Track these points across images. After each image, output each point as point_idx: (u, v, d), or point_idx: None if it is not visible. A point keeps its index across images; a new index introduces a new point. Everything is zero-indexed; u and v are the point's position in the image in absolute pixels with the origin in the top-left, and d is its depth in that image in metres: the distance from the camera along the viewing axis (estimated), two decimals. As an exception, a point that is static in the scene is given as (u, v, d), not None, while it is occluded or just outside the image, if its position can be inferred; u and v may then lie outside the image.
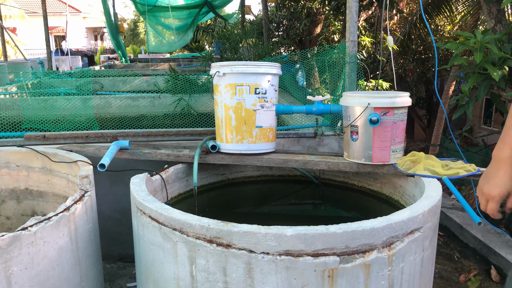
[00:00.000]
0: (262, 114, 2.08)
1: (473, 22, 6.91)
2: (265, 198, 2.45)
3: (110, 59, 14.35)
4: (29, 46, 19.12)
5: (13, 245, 1.45)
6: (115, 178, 2.44)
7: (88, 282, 1.82)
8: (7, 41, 9.77)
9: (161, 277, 1.51)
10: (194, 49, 16.18)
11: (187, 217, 1.41)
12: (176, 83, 3.71)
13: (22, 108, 3.29)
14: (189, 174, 2.15)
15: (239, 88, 2.04)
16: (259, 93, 2.05)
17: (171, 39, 10.43)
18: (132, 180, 1.79)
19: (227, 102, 2.07)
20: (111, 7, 10.40)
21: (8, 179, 2.35)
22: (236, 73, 2.03)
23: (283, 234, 1.29)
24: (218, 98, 2.11)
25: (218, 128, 2.15)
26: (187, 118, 3.28)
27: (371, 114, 1.83)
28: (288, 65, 3.90)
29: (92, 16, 31.50)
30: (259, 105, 2.06)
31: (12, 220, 2.40)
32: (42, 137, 2.54)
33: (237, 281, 1.34)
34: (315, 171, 2.36)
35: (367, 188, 2.22)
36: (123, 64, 10.47)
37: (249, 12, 10.94)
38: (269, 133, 2.12)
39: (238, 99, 2.04)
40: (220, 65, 2.07)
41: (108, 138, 2.56)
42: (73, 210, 1.70)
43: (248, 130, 2.07)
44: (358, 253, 1.33)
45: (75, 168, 2.09)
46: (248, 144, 2.08)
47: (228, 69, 2.03)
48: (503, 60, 2.78)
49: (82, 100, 3.47)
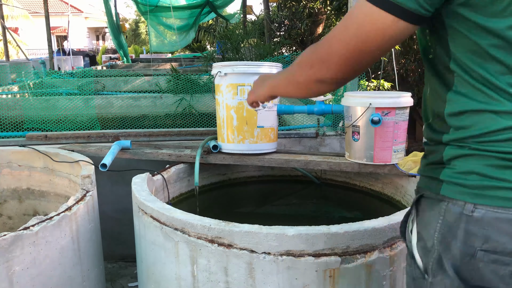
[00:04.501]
0: (264, 114, 2.07)
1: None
2: (267, 198, 2.45)
3: (112, 59, 14.38)
4: (31, 46, 19.16)
5: (15, 244, 1.45)
6: (117, 178, 2.44)
7: (90, 282, 1.82)
8: (9, 41, 9.80)
9: (163, 277, 1.51)
10: (196, 49, 16.19)
11: (188, 217, 1.41)
12: (177, 83, 3.72)
13: (24, 108, 3.30)
14: (191, 174, 2.15)
15: (240, 88, 2.03)
16: None
17: (173, 39, 10.45)
18: (134, 180, 1.79)
19: (228, 102, 2.07)
20: (113, 7, 10.42)
21: (10, 179, 2.35)
22: (237, 73, 2.03)
23: (285, 234, 1.29)
24: (219, 98, 2.11)
25: (219, 128, 2.15)
26: (188, 118, 3.29)
27: (372, 114, 1.83)
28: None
29: (94, 16, 31.56)
30: (261, 105, 2.05)
31: (14, 220, 2.41)
32: (44, 137, 2.55)
33: (239, 281, 1.34)
34: (316, 171, 2.36)
35: (369, 188, 2.22)
36: (125, 64, 10.49)
37: (251, 12, 10.94)
38: (271, 133, 2.12)
39: (240, 99, 2.04)
40: (222, 65, 2.07)
41: (109, 138, 2.56)
42: (75, 210, 1.70)
43: (250, 130, 2.07)
44: (360, 253, 1.33)
45: (77, 168, 2.10)
46: (250, 144, 2.08)
47: (229, 69, 2.03)
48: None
49: (84, 100, 3.48)
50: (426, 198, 0.89)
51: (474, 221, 0.79)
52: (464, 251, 0.81)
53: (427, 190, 0.90)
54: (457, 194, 0.83)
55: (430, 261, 0.86)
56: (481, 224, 0.79)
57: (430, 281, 0.87)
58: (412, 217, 0.94)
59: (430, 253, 0.86)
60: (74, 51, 13.77)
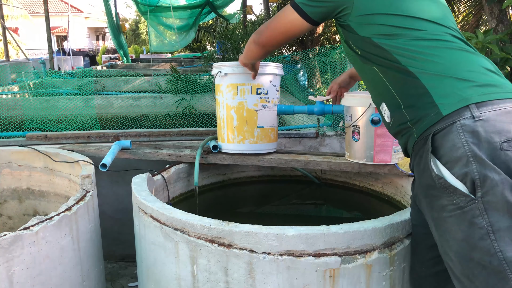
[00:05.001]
0: (264, 114, 2.07)
1: (474, 22, 6.89)
2: (267, 198, 2.45)
3: (112, 59, 14.38)
4: (31, 46, 19.15)
5: (15, 244, 1.45)
6: (117, 178, 2.44)
7: (90, 282, 1.82)
8: (9, 41, 9.80)
9: (163, 277, 1.51)
10: (196, 49, 16.19)
11: (188, 217, 1.42)
12: (177, 83, 3.72)
13: (24, 108, 3.30)
14: (191, 174, 2.16)
15: (240, 88, 2.03)
16: (261, 93, 2.04)
17: (173, 39, 10.45)
18: (134, 180, 1.79)
19: (228, 102, 2.07)
20: (113, 7, 10.43)
21: (10, 179, 2.35)
22: (238, 73, 2.02)
23: (285, 234, 1.29)
24: (219, 98, 2.11)
25: (219, 128, 2.15)
26: (188, 118, 3.29)
27: (372, 115, 1.83)
28: (290, 65, 3.90)
29: (94, 16, 31.57)
30: (260, 105, 2.06)
31: (14, 220, 2.41)
32: (44, 137, 2.55)
33: (239, 281, 1.34)
34: (316, 171, 2.36)
35: (369, 188, 2.22)
36: (125, 64, 10.50)
37: (251, 12, 10.94)
38: (271, 133, 2.12)
39: (240, 99, 2.04)
40: (222, 65, 2.06)
41: (109, 138, 2.56)
42: (75, 210, 1.70)
43: (250, 130, 2.07)
44: (360, 253, 1.33)
45: (77, 168, 2.10)
46: (250, 145, 2.08)
47: (230, 69, 2.03)
48: (504, 60, 2.78)
49: (84, 100, 3.48)
50: (437, 133, 1.08)
51: (485, 121, 1.02)
52: (492, 148, 1.00)
53: (431, 127, 1.10)
54: (458, 104, 1.06)
55: (474, 174, 1.00)
56: (491, 122, 1.02)
57: (482, 193, 1.00)
58: (432, 161, 1.09)
59: (469, 168, 1.01)
60: (74, 51, 13.78)
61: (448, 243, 1.09)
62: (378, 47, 1.23)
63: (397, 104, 1.23)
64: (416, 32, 1.19)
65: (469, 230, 1.02)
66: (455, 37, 1.21)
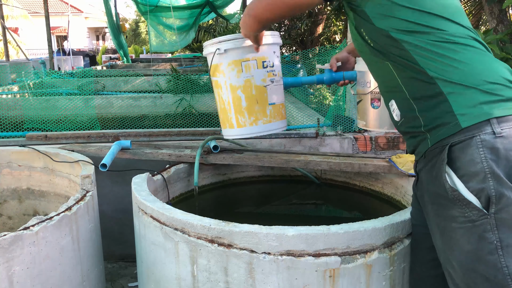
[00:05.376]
0: (273, 89, 1.84)
1: (475, 22, 6.89)
2: (267, 198, 2.45)
3: (112, 59, 14.37)
4: (31, 46, 19.15)
5: (15, 244, 1.45)
6: (117, 178, 2.44)
7: (90, 282, 1.82)
8: (9, 41, 9.79)
9: (163, 277, 1.51)
10: (196, 49, 16.19)
11: (188, 217, 1.42)
12: (177, 83, 3.72)
13: (24, 108, 3.30)
14: (191, 174, 2.16)
15: (245, 64, 1.78)
16: (267, 66, 1.81)
17: (173, 39, 10.44)
18: (134, 180, 1.79)
19: (233, 82, 1.81)
20: (113, 7, 10.42)
21: (10, 179, 2.35)
22: (240, 47, 1.76)
23: (285, 234, 1.29)
24: (221, 80, 1.85)
25: (224, 114, 1.89)
26: (188, 118, 3.29)
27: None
28: (290, 65, 3.90)
29: (94, 16, 31.57)
30: (269, 80, 1.82)
31: (14, 220, 2.41)
32: (44, 137, 2.55)
33: (239, 281, 1.34)
34: (316, 171, 2.36)
35: (369, 188, 2.22)
36: (125, 64, 10.49)
37: (251, 12, 10.90)
38: (282, 109, 1.90)
39: (246, 76, 1.79)
40: (219, 40, 1.78)
41: (109, 138, 2.56)
42: (75, 210, 1.70)
43: (262, 109, 1.82)
44: (360, 253, 1.33)
45: (77, 168, 2.10)
46: (264, 125, 1.84)
47: (230, 44, 1.75)
48: (505, 60, 2.78)
49: (84, 100, 3.48)
50: (454, 144, 1.06)
51: (505, 138, 1.01)
52: (510, 166, 1.01)
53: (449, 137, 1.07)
54: (479, 117, 1.04)
55: (490, 190, 1.01)
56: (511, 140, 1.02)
57: (496, 209, 1.01)
58: (447, 172, 1.07)
59: (486, 184, 1.01)
60: (74, 51, 13.77)
61: (453, 252, 1.09)
62: (395, 42, 1.13)
63: (409, 106, 1.17)
64: (439, 33, 1.11)
65: (478, 244, 1.03)
66: (476, 40, 1.14)
